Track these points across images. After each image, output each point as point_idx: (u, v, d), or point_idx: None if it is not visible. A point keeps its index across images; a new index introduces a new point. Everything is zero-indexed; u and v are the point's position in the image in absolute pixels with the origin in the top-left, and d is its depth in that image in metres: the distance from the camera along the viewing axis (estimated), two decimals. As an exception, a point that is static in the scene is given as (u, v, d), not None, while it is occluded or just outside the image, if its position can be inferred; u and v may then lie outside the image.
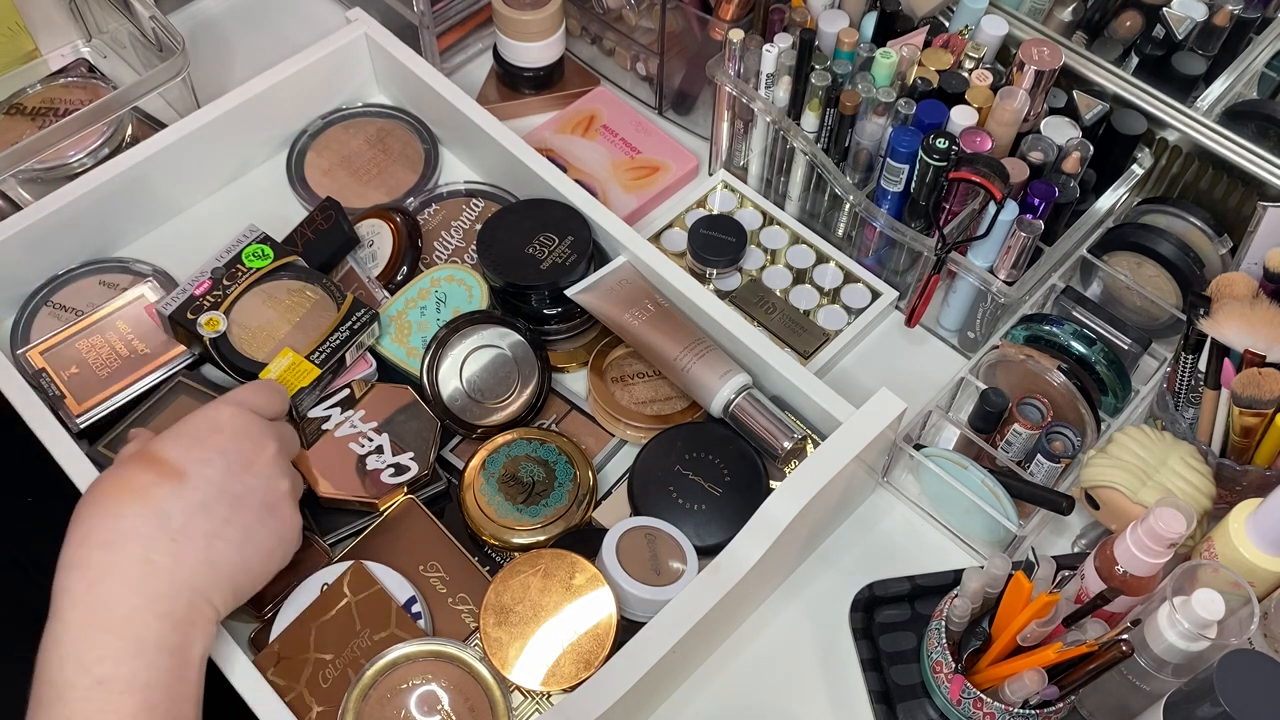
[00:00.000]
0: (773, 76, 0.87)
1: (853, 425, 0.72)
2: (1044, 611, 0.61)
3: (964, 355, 0.89)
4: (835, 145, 0.87)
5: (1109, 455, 0.73)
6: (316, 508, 0.77)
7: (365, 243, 0.88)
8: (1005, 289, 0.81)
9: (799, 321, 0.89)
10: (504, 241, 0.83)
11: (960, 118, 0.81)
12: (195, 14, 1.11)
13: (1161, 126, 0.86)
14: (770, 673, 0.75)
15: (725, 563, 0.67)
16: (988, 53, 0.86)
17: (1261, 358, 0.70)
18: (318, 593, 0.71)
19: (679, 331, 0.79)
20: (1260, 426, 0.70)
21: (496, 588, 0.70)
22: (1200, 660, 0.61)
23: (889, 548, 0.80)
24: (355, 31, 0.96)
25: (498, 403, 0.80)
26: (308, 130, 0.98)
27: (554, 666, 0.67)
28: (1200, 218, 0.84)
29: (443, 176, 0.98)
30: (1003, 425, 0.78)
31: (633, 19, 1.00)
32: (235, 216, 0.91)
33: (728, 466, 0.76)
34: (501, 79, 1.05)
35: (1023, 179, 0.80)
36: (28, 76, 1.01)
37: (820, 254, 0.92)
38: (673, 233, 0.95)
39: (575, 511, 0.76)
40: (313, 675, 0.68)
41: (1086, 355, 0.79)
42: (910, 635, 0.75)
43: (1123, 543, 0.62)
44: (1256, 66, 0.91)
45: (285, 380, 0.75)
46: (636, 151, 0.99)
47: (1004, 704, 0.64)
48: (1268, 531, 0.65)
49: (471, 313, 0.82)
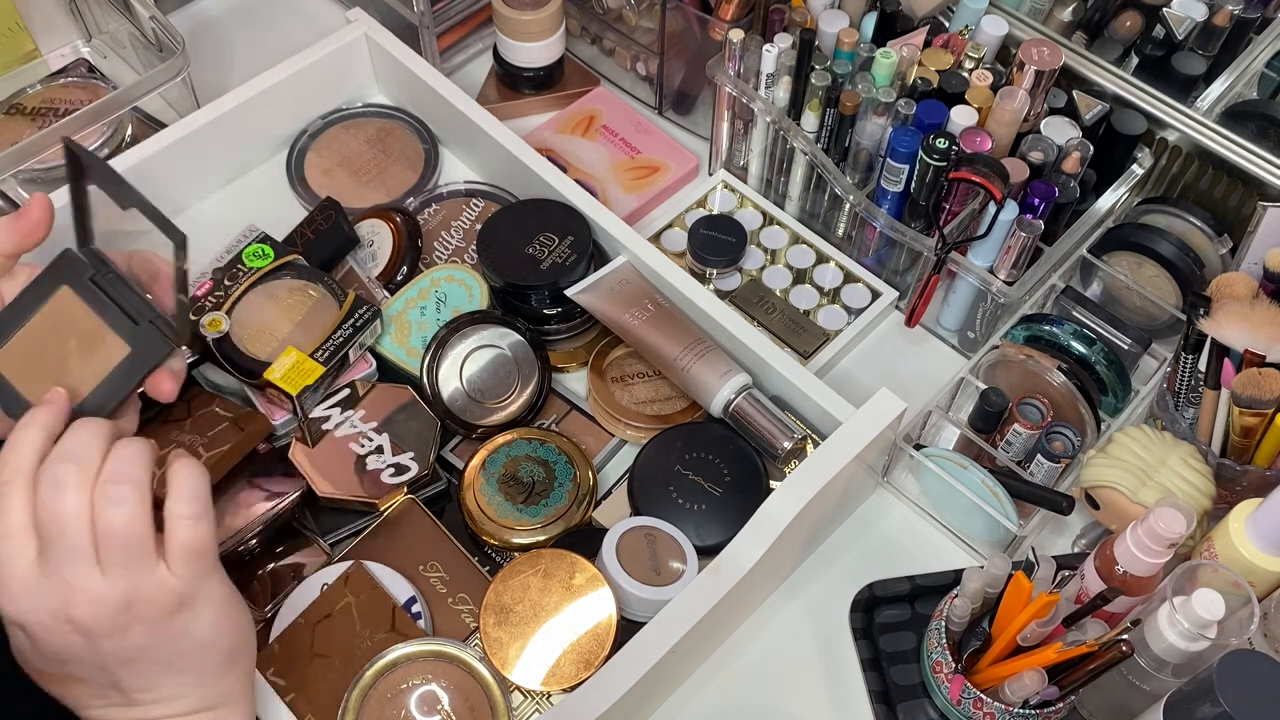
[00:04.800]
0: (773, 76, 0.87)
1: (853, 425, 0.72)
2: (1044, 611, 0.61)
3: (964, 355, 0.89)
4: (835, 145, 0.87)
5: (1109, 455, 0.73)
6: (316, 508, 0.77)
7: (365, 243, 0.88)
8: (1005, 289, 0.81)
9: (799, 321, 0.89)
10: (504, 241, 0.83)
11: (960, 118, 0.81)
12: (195, 14, 1.11)
13: (1161, 126, 0.86)
14: (770, 673, 0.75)
15: (725, 563, 0.67)
16: (988, 53, 0.86)
17: (1261, 358, 0.70)
18: (318, 593, 0.71)
19: (679, 331, 0.79)
20: (1260, 426, 0.70)
21: (496, 588, 0.70)
22: (1200, 660, 0.61)
23: (889, 548, 0.80)
24: (355, 31, 0.96)
25: (498, 403, 0.80)
26: (308, 130, 0.98)
27: (554, 666, 0.67)
28: (1200, 218, 0.84)
29: (443, 176, 0.98)
30: (1003, 425, 0.78)
31: (633, 19, 1.00)
32: (235, 216, 0.91)
33: (728, 466, 0.76)
34: (501, 79, 1.05)
35: (1023, 179, 0.80)
36: (28, 76, 1.01)
37: (820, 254, 0.92)
38: (673, 233, 0.95)
39: (575, 511, 0.76)
40: (313, 675, 0.69)
41: (1086, 355, 0.79)
42: (910, 635, 0.75)
43: (1123, 543, 0.62)
44: (1256, 66, 0.92)
45: (289, 379, 0.75)
46: (636, 151, 0.99)
47: (1004, 704, 0.64)
48: (1268, 531, 0.65)
49: (471, 313, 0.82)
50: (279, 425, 0.77)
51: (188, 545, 0.53)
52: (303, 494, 0.75)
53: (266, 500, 0.74)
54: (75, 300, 0.59)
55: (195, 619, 0.54)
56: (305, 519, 0.77)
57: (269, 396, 0.76)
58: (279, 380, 0.75)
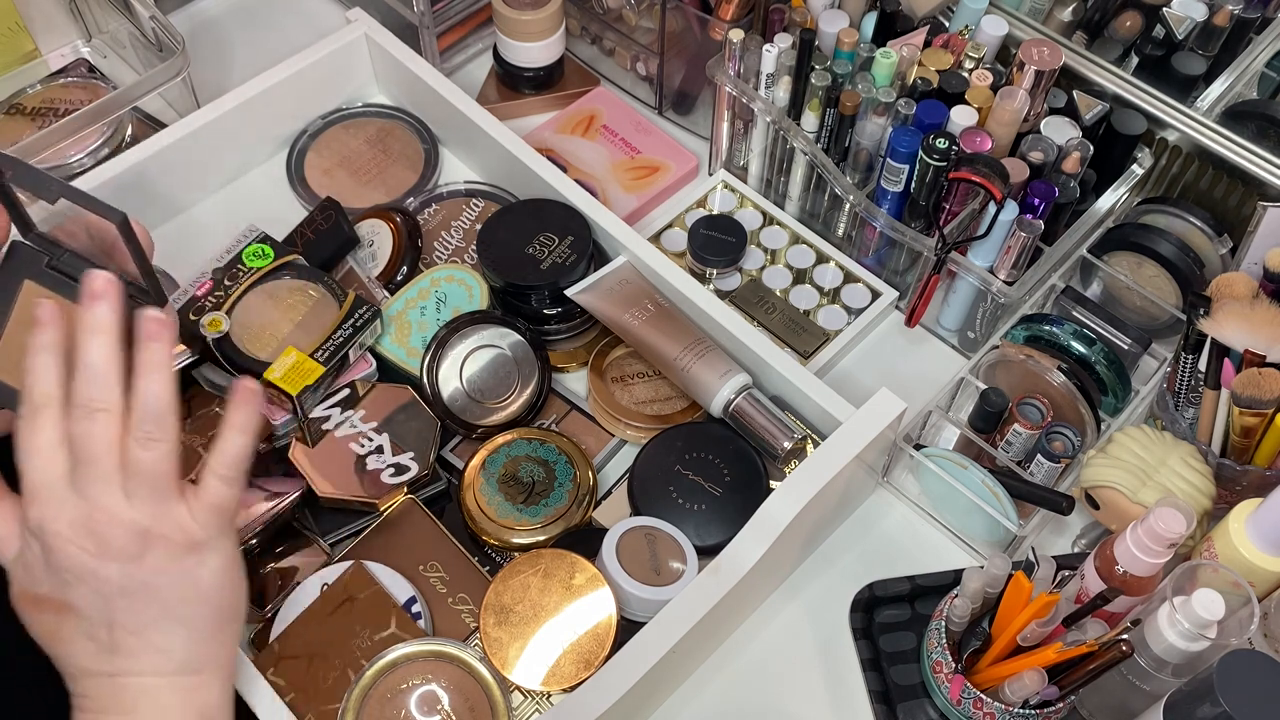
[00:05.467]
0: (773, 76, 0.87)
1: (853, 425, 0.72)
2: (1044, 611, 0.61)
3: (964, 355, 0.89)
4: (835, 145, 0.87)
5: (1109, 455, 0.73)
6: (316, 508, 0.77)
7: (365, 243, 0.88)
8: (1005, 289, 0.81)
9: (799, 321, 0.89)
10: (504, 241, 0.83)
11: (960, 118, 0.81)
12: (195, 14, 1.11)
13: (1161, 126, 0.86)
14: (770, 673, 0.75)
15: (725, 563, 0.67)
16: (988, 53, 0.86)
17: (1261, 358, 0.70)
18: (318, 593, 0.71)
19: (679, 331, 0.79)
20: (1260, 426, 0.70)
21: (496, 588, 0.70)
22: (1200, 660, 0.61)
23: (889, 548, 0.80)
24: (355, 31, 0.96)
25: (498, 403, 0.80)
26: (308, 130, 0.98)
27: (554, 666, 0.67)
28: (1200, 218, 0.84)
29: (443, 176, 0.98)
30: (1003, 425, 0.78)
31: (633, 19, 1.00)
32: (235, 216, 0.91)
33: (728, 466, 0.76)
34: (501, 79, 1.05)
35: (1023, 179, 0.80)
36: (28, 76, 1.01)
37: (820, 254, 0.92)
38: (673, 233, 0.95)
39: (575, 511, 0.76)
40: (313, 675, 0.69)
41: (1086, 355, 0.79)
42: (910, 635, 0.75)
43: (1123, 543, 0.62)
44: (1256, 66, 0.91)
45: (289, 379, 0.75)
46: (636, 151, 0.99)
47: (1004, 704, 0.64)
48: (1268, 531, 0.65)
49: (471, 313, 0.82)
50: (279, 425, 0.77)
51: (213, 499, 0.56)
52: (303, 494, 0.75)
53: (266, 500, 0.74)
54: (41, 290, 0.59)
55: (203, 565, 0.55)
56: (305, 519, 0.77)
57: (269, 396, 0.76)
58: (279, 380, 0.75)
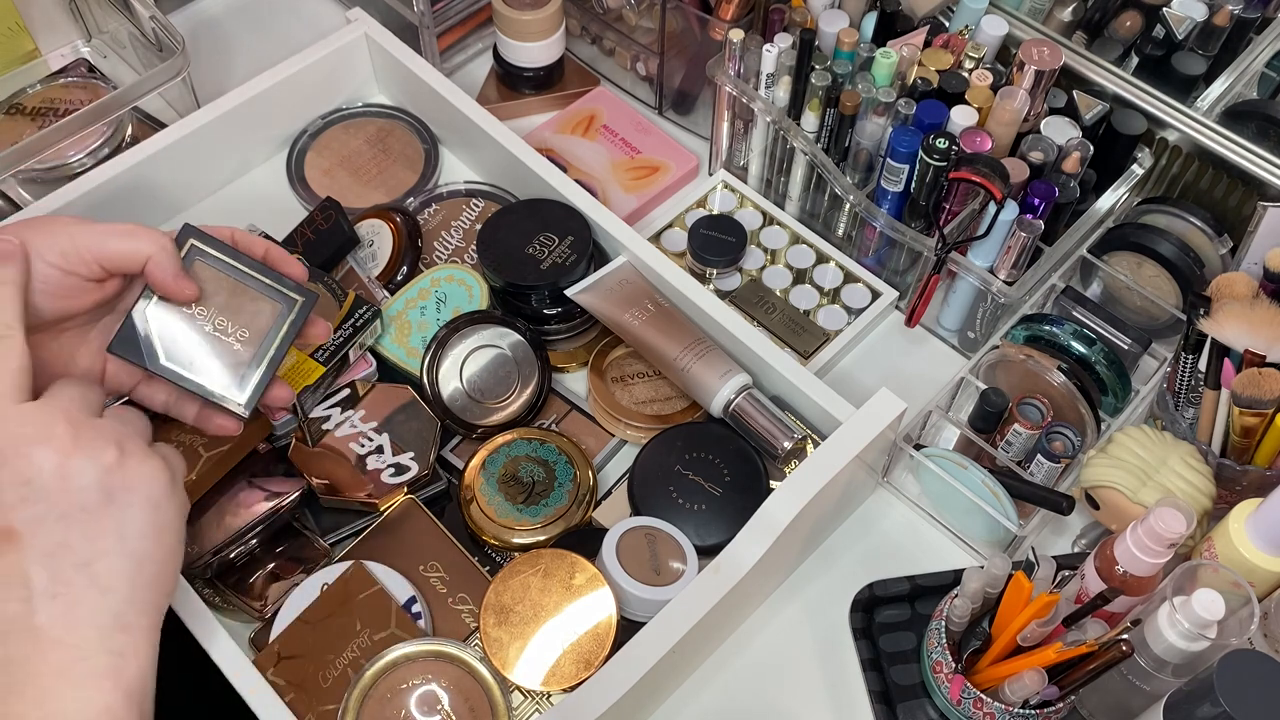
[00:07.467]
0: (773, 76, 0.87)
1: (853, 425, 0.72)
2: (1044, 611, 0.61)
3: (964, 355, 0.89)
4: (835, 145, 0.87)
5: (1109, 455, 0.73)
6: (316, 508, 0.77)
7: (365, 243, 0.88)
8: (1005, 289, 0.81)
9: (799, 321, 0.89)
10: (504, 241, 0.83)
11: (960, 118, 0.81)
12: (195, 14, 1.11)
13: (1161, 126, 0.86)
14: (770, 673, 0.75)
15: (725, 563, 0.67)
16: (988, 53, 0.86)
17: (1261, 358, 0.70)
18: (318, 593, 0.71)
19: (679, 331, 0.79)
20: (1260, 426, 0.70)
21: (496, 588, 0.70)
22: (1200, 660, 0.61)
23: (889, 548, 0.80)
24: (355, 31, 0.96)
25: (498, 403, 0.80)
26: (308, 130, 0.98)
27: (554, 666, 0.67)
28: (1200, 218, 0.84)
29: (443, 176, 0.98)
30: (1003, 425, 0.78)
31: (633, 19, 1.00)
32: (235, 216, 0.91)
33: (728, 466, 0.76)
34: (501, 79, 1.05)
35: (1023, 179, 0.80)
36: (28, 76, 1.01)
37: (820, 254, 0.92)
38: (673, 233, 0.95)
39: (575, 511, 0.76)
40: (312, 675, 0.68)
41: (1086, 355, 0.79)
42: (910, 635, 0.75)
43: (1123, 543, 0.62)
44: (1256, 66, 0.92)
45: (289, 378, 0.75)
46: (636, 151, 0.99)
47: (1004, 704, 0.64)
48: (1268, 531, 0.65)
49: (471, 313, 0.82)
50: (279, 425, 0.77)
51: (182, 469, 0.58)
52: (303, 494, 0.75)
53: (266, 500, 0.74)
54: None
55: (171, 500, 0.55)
56: (305, 519, 0.77)
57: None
58: (279, 380, 0.75)
